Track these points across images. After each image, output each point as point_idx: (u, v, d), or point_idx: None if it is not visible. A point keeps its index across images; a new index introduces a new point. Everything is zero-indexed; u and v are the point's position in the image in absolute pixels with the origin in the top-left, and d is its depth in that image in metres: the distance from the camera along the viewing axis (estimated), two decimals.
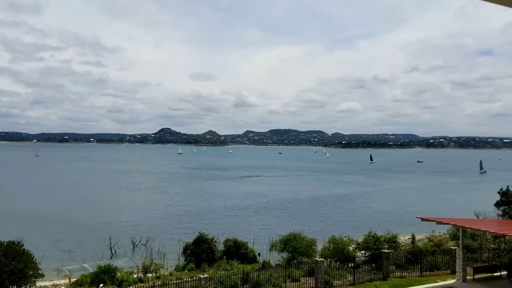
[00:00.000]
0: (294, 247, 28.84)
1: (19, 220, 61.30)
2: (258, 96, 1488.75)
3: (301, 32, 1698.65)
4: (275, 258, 33.72)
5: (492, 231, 21.23)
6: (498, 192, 33.13)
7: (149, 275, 32.04)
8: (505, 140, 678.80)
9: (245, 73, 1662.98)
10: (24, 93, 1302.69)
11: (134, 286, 24.98)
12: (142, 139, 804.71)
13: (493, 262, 25.27)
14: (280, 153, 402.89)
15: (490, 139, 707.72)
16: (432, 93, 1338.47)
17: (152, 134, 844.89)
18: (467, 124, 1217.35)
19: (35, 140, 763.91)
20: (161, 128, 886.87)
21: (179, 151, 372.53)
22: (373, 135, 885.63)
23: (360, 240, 30.23)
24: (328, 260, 25.43)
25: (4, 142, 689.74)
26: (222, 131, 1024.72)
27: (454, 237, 34.02)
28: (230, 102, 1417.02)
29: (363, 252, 28.54)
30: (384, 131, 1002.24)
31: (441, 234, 42.27)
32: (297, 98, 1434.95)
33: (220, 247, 36.40)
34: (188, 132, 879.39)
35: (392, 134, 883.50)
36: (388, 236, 30.86)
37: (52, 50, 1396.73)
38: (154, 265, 33.90)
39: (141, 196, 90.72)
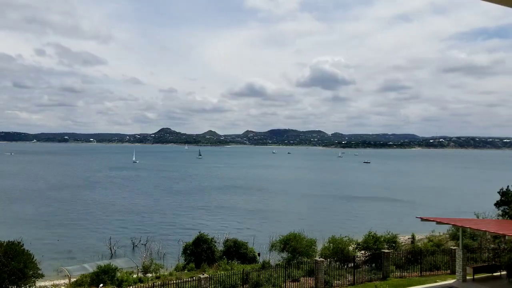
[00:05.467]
0: (294, 247, 28.81)
1: (20, 220, 61.30)
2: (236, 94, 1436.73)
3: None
4: (275, 258, 33.68)
5: (492, 231, 21.21)
6: (498, 192, 33.02)
7: (149, 275, 32.05)
8: (505, 140, 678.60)
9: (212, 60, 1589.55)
10: (24, 93, 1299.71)
11: (134, 286, 24.96)
12: (142, 139, 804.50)
13: (493, 262, 25.23)
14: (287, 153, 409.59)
15: (490, 139, 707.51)
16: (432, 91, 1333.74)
17: (152, 134, 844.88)
18: (468, 124, 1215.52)
19: (35, 140, 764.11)
20: (161, 128, 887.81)
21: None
22: (373, 135, 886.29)
23: (360, 240, 30.19)
24: (328, 260, 25.41)
25: (4, 142, 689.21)
26: (222, 131, 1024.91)
27: (454, 237, 33.98)
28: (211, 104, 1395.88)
29: (363, 252, 28.50)
30: (384, 131, 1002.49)
31: (441, 234, 42.25)
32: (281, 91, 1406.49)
33: (220, 247, 36.37)
34: (188, 132, 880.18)
35: (392, 134, 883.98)
36: (388, 236, 30.81)
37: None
38: (154, 265, 33.91)
39: (143, 195, 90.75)
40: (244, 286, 22.04)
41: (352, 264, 24.85)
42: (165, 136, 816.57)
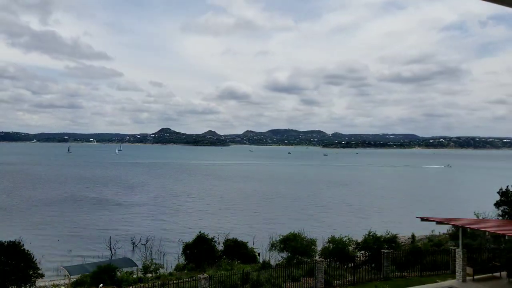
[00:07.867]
0: (294, 247, 28.83)
1: (20, 220, 61.28)
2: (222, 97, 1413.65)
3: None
4: (275, 258, 33.72)
5: (492, 231, 21.20)
6: (498, 192, 33.00)
7: (149, 275, 32.05)
8: (505, 140, 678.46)
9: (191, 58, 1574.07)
10: (24, 94, 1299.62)
11: (134, 286, 24.98)
12: (142, 139, 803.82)
13: (493, 262, 25.23)
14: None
15: (490, 139, 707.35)
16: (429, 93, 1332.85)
17: (152, 134, 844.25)
18: (468, 124, 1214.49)
19: (34, 140, 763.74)
20: (161, 128, 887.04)
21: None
22: (373, 135, 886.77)
23: (360, 240, 30.21)
24: (328, 260, 25.43)
25: (4, 142, 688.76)
26: (222, 131, 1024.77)
27: (454, 237, 33.99)
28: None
29: (363, 252, 28.52)
30: (384, 131, 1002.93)
31: (441, 234, 42.29)
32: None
33: (220, 247, 36.38)
34: (188, 132, 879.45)
35: (392, 134, 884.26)
36: (388, 236, 30.82)
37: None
38: (154, 265, 33.92)
39: (142, 195, 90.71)
40: (244, 286, 22.04)
41: (352, 264, 24.86)
42: (165, 136, 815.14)
